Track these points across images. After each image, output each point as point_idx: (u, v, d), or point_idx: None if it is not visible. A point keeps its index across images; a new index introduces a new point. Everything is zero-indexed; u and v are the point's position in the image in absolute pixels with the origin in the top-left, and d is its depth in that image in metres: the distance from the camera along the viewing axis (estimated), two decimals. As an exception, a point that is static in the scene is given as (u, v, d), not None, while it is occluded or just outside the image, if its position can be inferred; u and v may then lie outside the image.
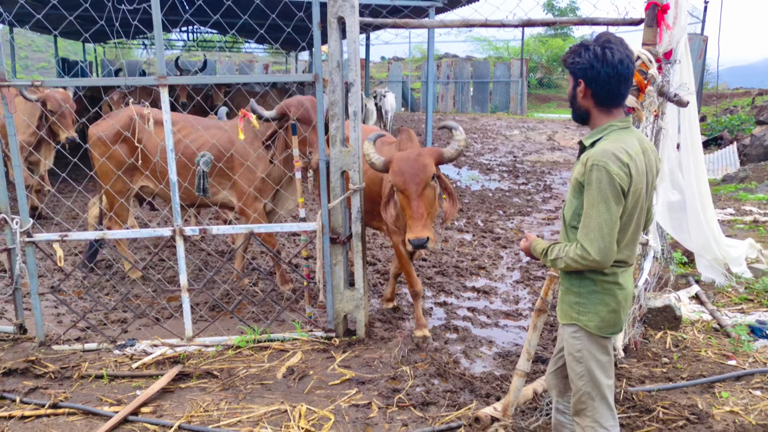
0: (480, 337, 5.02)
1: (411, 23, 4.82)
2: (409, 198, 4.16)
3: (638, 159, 2.44)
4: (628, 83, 2.50)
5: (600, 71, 2.43)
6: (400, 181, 4.18)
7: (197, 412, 3.87)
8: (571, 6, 37.61)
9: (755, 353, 4.66)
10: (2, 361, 4.44)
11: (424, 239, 4.08)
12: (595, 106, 2.54)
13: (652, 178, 2.57)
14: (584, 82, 2.50)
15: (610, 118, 2.54)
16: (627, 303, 2.60)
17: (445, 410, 3.88)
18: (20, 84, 4.56)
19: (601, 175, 2.37)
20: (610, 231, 2.39)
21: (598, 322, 2.56)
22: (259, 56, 37.53)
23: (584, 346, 2.60)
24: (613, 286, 2.54)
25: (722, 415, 3.82)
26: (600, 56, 2.43)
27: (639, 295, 4.77)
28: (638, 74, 3.37)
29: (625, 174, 2.38)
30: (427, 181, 4.16)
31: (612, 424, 2.65)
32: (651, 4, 4.10)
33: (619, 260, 2.54)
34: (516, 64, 28.97)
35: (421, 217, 4.12)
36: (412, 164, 4.17)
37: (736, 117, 17.33)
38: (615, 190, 2.36)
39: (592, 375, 2.60)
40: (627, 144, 2.44)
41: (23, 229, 4.52)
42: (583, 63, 2.47)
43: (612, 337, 2.62)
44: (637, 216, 2.51)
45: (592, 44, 2.47)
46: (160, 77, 4.41)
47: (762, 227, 8.15)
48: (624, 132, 2.51)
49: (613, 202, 2.37)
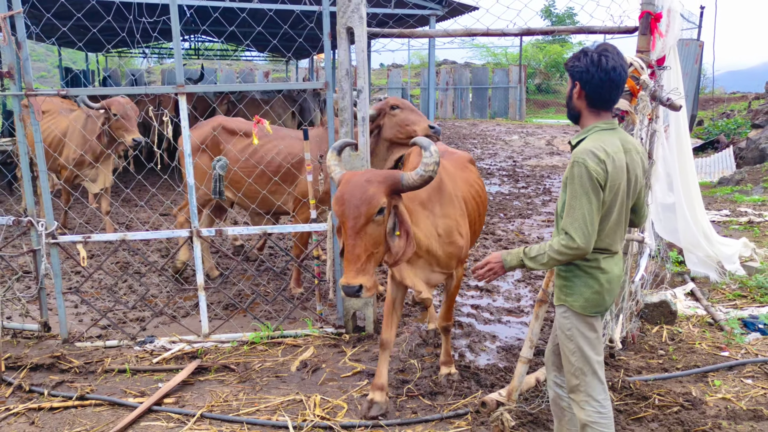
0: (484, 332, 5.24)
1: (416, 33, 5.05)
2: (346, 233, 3.23)
3: (617, 157, 2.67)
4: (619, 89, 2.74)
5: (594, 75, 2.68)
6: (337, 211, 3.24)
7: (217, 402, 4.08)
8: (569, 12, 37.92)
9: (747, 345, 4.87)
10: (29, 357, 4.65)
11: (354, 287, 3.13)
12: (586, 107, 2.79)
13: (635, 176, 2.79)
14: (579, 84, 2.75)
15: (596, 120, 2.79)
16: (612, 286, 2.82)
17: (452, 399, 4.10)
18: (47, 94, 4.79)
19: (581, 170, 2.62)
20: (592, 220, 2.63)
21: (582, 302, 2.80)
22: (258, 64, 37.82)
23: (573, 324, 2.84)
24: (595, 270, 2.78)
25: (715, 402, 4.04)
26: (596, 62, 2.68)
27: (636, 291, 5.00)
28: (631, 80, 3.59)
29: (602, 170, 2.61)
30: (368, 216, 3.16)
31: (603, 398, 2.87)
32: (645, 13, 4.32)
33: (601, 248, 2.77)
34: (514, 70, 29.27)
35: (356, 260, 3.18)
36: (355, 192, 3.20)
37: (732, 121, 17.58)
38: (593, 183, 2.61)
39: (582, 351, 2.83)
40: (606, 143, 2.68)
41: (48, 231, 4.74)
42: (580, 67, 2.72)
43: (599, 316, 2.85)
44: (618, 208, 2.74)
45: (591, 51, 2.72)
46: (179, 86, 4.64)
47: (756, 228, 8.37)
48: (606, 132, 2.75)
49: (593, 195, 2.62)
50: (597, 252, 2.77)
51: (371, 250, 3.24)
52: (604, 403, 2.85)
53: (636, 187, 2.82)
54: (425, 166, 3.26)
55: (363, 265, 3.20)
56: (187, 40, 21.69)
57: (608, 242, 2.77)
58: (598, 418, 2.83)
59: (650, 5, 4.22)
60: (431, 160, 3.27)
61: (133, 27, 5.16)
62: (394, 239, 3.33)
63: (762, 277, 6.11)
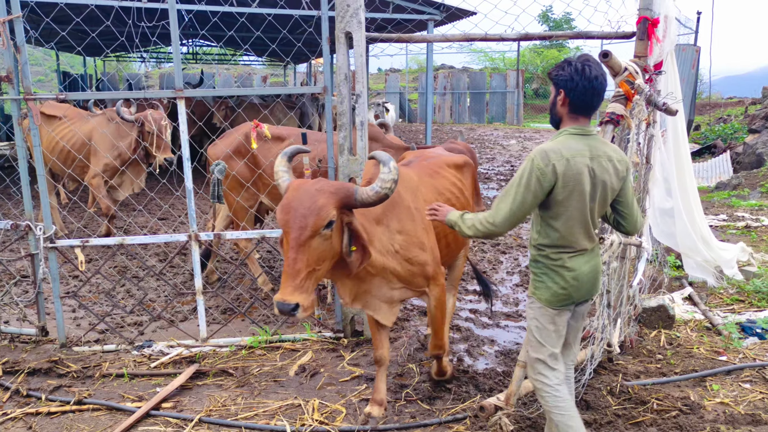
0: (482, 337, 5.24)
1: (414, 38, 5.07)
2: (288, 244, 2.96)
3: (574, 161, 2.79)
4: (600, 97, 2.89)
5: (578, 83, 2.83)
6: (281, 220, 2.99)
7: (215, 407, 4.07)
8: (566, 17, 38.04)
9: (745, 350, 4.88)
10: (26, 362, 4.64)
11: (289, 305, 2.87)
12: (568, 113, 2.92)
13: (603, 182, 2.88)
14: (564, 92, 2.88)
15: (573, 124, 2.92)
16: (579, 283, 2.96)
17: (450, 403, 4.10)
18: (45, 97, 4.79)
19: (528, 165, 2.81)
20: (517, 209, 2.84)
21: (549, 296, 2.97)
22: (256, 68, 37.85)
23: (536, 315, 3.04)
24: (560, 268, 2.95)
25: (713, 406, 4.04)
26: (580, 71, 2.83)
27: (634, 295, 5.00)
28: (625, 84, 3.61)
29: (549, 170, 2.76)
30: (315, 229, 2.91)
31: (556, 383, 3.04)
32: (642, 18, 4.34)
33: (561, 245, 2.93)
34: (512, 75, 29.33)
35: (295, 275, 2.90)
36: (304, 200, 2.97)
37: (729, 126, 17.62)
38: (530, 179, 2.79)
39: (538, 342, 3.05)
40: (567, 146, 2.81)
41: (46, 236, 4.74)
42: (565, 75, 2.86)
43: (564, 311, 3.01)
44: (578, 209, 2.85)
45: (575, 61, 2.87)
46: (178, 90, 4.65)
47: (753, 232, 8.39)
48: (572, 137, 2.87)
49: (524, 188, 2.81)
50: (561, 251, 2.94)
51: (314, 266, 2.97)
52: (558, 388, 3.04)
53: (606, 193, 2.92)
54: (382, 183, 3.03)
55: (302, 282, 2.92)
56: (186, 44, 21.71)
57: (570, 240, 2.92)
58: (556, 402, 3.02)
59: (648, 11, 4.23)
60: (389, 177, 3.04)
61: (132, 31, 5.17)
62: (350, 255, 3.12)
63: (759, 281, 6.13)
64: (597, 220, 3.02)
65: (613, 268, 4.11)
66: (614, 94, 3.79)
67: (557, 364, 3.06)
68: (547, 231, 2.94)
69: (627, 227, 3.11)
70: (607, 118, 3.60)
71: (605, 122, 3.64)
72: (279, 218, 3.01)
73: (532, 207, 2.86)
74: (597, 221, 3.02)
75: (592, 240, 2.99)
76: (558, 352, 3.06)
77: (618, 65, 3.68)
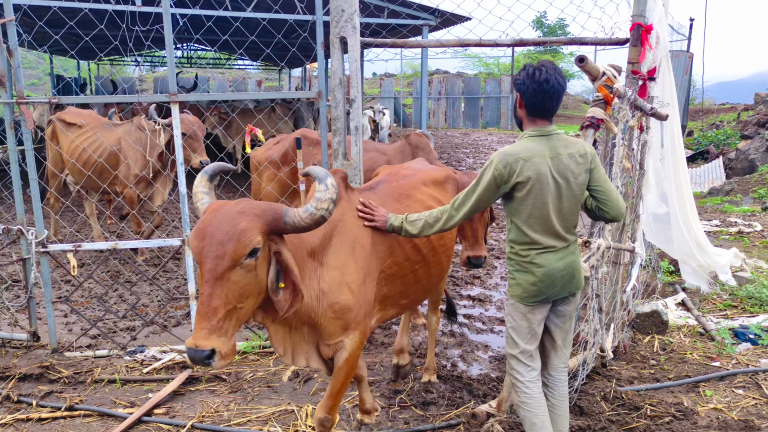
0: (476, 342, 5.24)
1: (409, 43, 5.07)
2: (203, 277, 2.45)
3: (534, 160, 2.92)
4: (553, 100, 2.97)
5: (529, 87, 2.96)
6: (195, 248, 2.48)
7: (208, 413, 4.05)
8: (560, 23, 38.17)
9: (738, 355, 4.89)
10: (17, 367, 4.60)
11: (203, 352, 2.36)
12: (526, 116, 3.06)
13: (566, 178, 2.97)
14: (519, 96, 3.04)
15: (532, 126, 3.04)
16: (551, 279, 3.03)
17: (444, 409, 4.09)
18: (38, 101, 4.77)
19: (488, 165, 2.98)
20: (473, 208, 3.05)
21: (521, 292, 3.06)
22: (251, 73, 37.86)
23: (510, 311, 3.14)
24: (529, 264, 3.03)
25: (706, 412, 4.04)
26: (530, 75, 2.98)
27: (627, 301, 5.01)
28: (604, 89, 3.62)
29: (506, 172, 2.91)
30: (235, 258, 2.42)
31: (528, 379, 3.12)
32: (636, 24, 4.36)
33: (527, 242, 3.02)
34: (506, 80, 29.39)
35: (211, 315, 2.40)
36: (222, 224, 2.47)
37: (722, 132, 17.71)
38: (489, 179, 2.96)
39: (511, 338, 3.14)
40: (526, 148, 2.95)
41: (38, 240, 4.71)
42: (519, 80, 3.02)
43: (537, 307, 3.07)
44: (540, 207, 2.95)
45: (529, 66, 3.02)
46: (171, 94, 4.63)
47: (746, 238, 8.42)
48: (531, 139, 3.00)
49: (482, 187, 2.99)
50: (528, 248, 3.03)
51: (234, 303, 2.44)
52: (530, 385, 3.11)
53: (573, 189, 3.01)
54: (317, 203, 2.59)
55: (220, 323, 2.40)
56: (180, 48, 21.69)
57: (534, 237, 3.01)
58: (525, 398, 3.11)
59: (641, 17, 4.25)
60: (326, 196, 2.61)
61: (126, 35, 5.16)
62: (278, 293, 2.60)
63: (752, 287, 6.14)
64: (570, 218, 3.06)
65: (603, 272, 4.11)
66: (594, 99, 3.80)
67: (532, 362, 3.13)
68: (513, 228, 3.07)
69: (611, 212, 3.14)
70: (587, 122, 3.61)
71: (585, 126, 3.65)
72: (192, 246, 2.49)
73: (488, 204, 3.06)
74: (570, 218, 3.06)
75: (562, 239, 3.04)
76: (532, 350, 3.12)
77: (596, 70, 3.69)
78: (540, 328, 3.13)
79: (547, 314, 3.14)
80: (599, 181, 3.09)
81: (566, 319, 3.18)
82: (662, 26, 4.41)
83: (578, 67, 3.64)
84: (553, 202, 2.97)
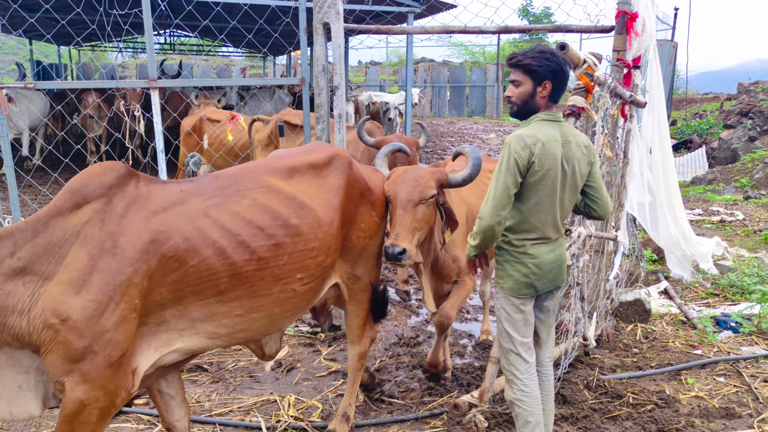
0: (460, 331, 5.23)
1: (394, 29, 5.02)
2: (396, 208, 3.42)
3: (550, 145, 2.83)
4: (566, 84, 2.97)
5: (567, 73, 2.91)
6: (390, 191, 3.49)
7: (189, 403, 3.99)
8: (546, 12, 38.13)
9: (719, 343, 4.92)
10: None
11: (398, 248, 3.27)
12: (547, 102, 2.95)
13: (573, 167, 2.91)
14: (551, 83, 2.89)
15: (545, 111, 2.95)
16: (542, 271, 2.96)
17: (428, 398, 4.07)
18: (13, 86, 4.66)
19: (505, 151, 2.83)
20: (501, 194, 2.80)
21: (512, 284, 2.97)
22: (235, 60, 37.48)
23: (502, 305, 3.04)
24: (522, 255, 2.95)
25: (688, 400, 4.07)
26: (564, 61, 2.91)
27: (611, 290, 5.02)
28: (585, 77, 3.59)
29: (526, 154, 2.78)
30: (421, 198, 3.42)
31: (526, 377, 3.03)
32: (621, 12, 4.34)
33: (526, 230, 2.93)
34: (492, 69, 29.36)
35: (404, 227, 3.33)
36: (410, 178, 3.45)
37: (705, 121, 17.81)
38: (510, 163, 2.80)
39: (507, 332, 3.03)
40: (541, 131, 2.85)
41: (15, 228, 4.61)
42: (552, 66, 2.86)
43: (529, 299, 3.00)
44: (547, 194, 2.87)
45: (548, 51, 2.90)
46: (151, 80, 4.55)
47: (728, 227, 8.49)
48: (544, 123, 2.91)
49: (504, 173, 2.80)
50: (523, 238, 2.94)
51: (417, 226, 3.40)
52: (527, 382, 3.03)
53: (576, 179, 2.95)
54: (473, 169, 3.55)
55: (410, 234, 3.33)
56: (161, 34, 21.35)
57: (535, 225, 2.92)
58: (521, 396, 3.02)
59: (626, 5, 4.23)
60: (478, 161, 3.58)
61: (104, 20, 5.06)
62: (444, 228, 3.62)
63: (734, 275, 6.19)
64: (567, 210, 3.02)
65: (584, 261, 4.10)
66: (574, 87, 3.77)
67: (529, 355, 3.05)
68: (513, 214, 2.91)
69: (599, 211, 3.11)
70: (568, 110, 3.59)
71: (567, 115, 3.63)
72: (388, 190, 3.43)
73: (514, 192, 2.83)
74: (567, 211, 3.03)
75: (558, 231, 3.01)
76: (529, 342, 3.05)
77: (577, 57, 3.66)
78: (533, 318, 3.07)
79: None
80: (595, 177, 3.05)
81: (550, 313, 3.16)
82: (648, 14, 4.39)
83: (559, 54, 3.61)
84: (560, 190, 2.90)
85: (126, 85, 4.67)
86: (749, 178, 11.53)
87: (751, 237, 7.94)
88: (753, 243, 7.60)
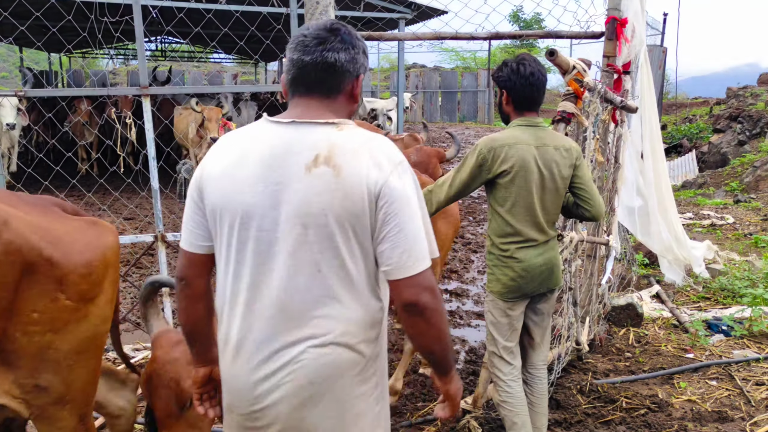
0: (453, 337, 5.23)
1: (385, 36, 5.04)
2: None
3: (519, 147, 2.91)
4: (540, 91, 3.02)
5: (516, 82, 2.98)
6: None
7: (182, 412, 3.98)
8: (536, 18, 38.29)
9: (711, 347, 4.94)
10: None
11: None
12: (513, 110, 3.08)
13: (550, 170, 2.97)
14: (506, 92, 3.03)
15: (519, 117, 3.06)
16: (530, 274, 3.01)
17: (421, 403, 4.07)
18: (3, 95, 4.65)
19: (473, 150, 2.99)
20: (458, 187, 3.00)
21: (500, 288, 3.04)
22: (227, 66, 37.44)
23: (489, 308, 3.12)
24: (508, 259, 3.01)
25: (681, 404, 4.08)
26: (515, 71, 2.97)
27: (603, 294, 5.04)
28: (574, 82, 3.61)
29: (490, 156, 2.91)
30: None
31: (509, 379, 3.11)
32: (611, 18, 4.36)
33: (509, 234, 2.99)
34: (483, 74, 29.48)
35: None
36: None
37: (694, 125, 17.92)
38: (471, 161, 2.96)
39: (491, 335, 3.12)
40: (512, 136, 2.96)
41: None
42: (504, 77, 3.01)
43: (517, 302, 3.05)
44: (524, 197, 2.94)
45: (511, 62, 3.01)
46: (143, 87, 4.54)
47: (719, 230, 8.53)
48: (519, 128, 3.01)
49: (464, 169, 2.98)
50: (509, 242, 3.00)
51: None
52: (511, 383, 3.10)
53: (556, 181, 2.99)
54: None
55: None
56: (152, 41, 21.32)
57: (517, 229, 2.97)
58: (506, 397, 3.10)
59: (616, 11, 4.25)
60: None
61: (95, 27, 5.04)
62: None
63: (725, 279, 6.22)
64: (552, 212, 3.06)
65: (577, 265, 4.11)
66: (564, 93, 3.80)
67: (513, 359, 3.11)
68: (495, 218, 3.03)
69: (592, 211, 3.12)
70: (558, 116, 3.60)
71: (557, 120, 3.65)
72: None
73: (472, 188, 3.02)
74: (552, 213, 3.06)
75: (543, 232, 3.03)
76: (513, 346, 3.10)
77: (566, 63, 3.68)
78: (519, 324, 3.11)
79: (525, 311, 3.12)
80: (584, 179, 3.08)
81: (544, 316, 3.17)
82: (638, 20, 4.41)
83: (548, 60, 3.63)
84: (537, 191, 2.95)
85: (117, 93, 4.66)
86: (739, 181, 11.61)
87: (742, 240, 7.99)
88: (743, 246, 7.64)
